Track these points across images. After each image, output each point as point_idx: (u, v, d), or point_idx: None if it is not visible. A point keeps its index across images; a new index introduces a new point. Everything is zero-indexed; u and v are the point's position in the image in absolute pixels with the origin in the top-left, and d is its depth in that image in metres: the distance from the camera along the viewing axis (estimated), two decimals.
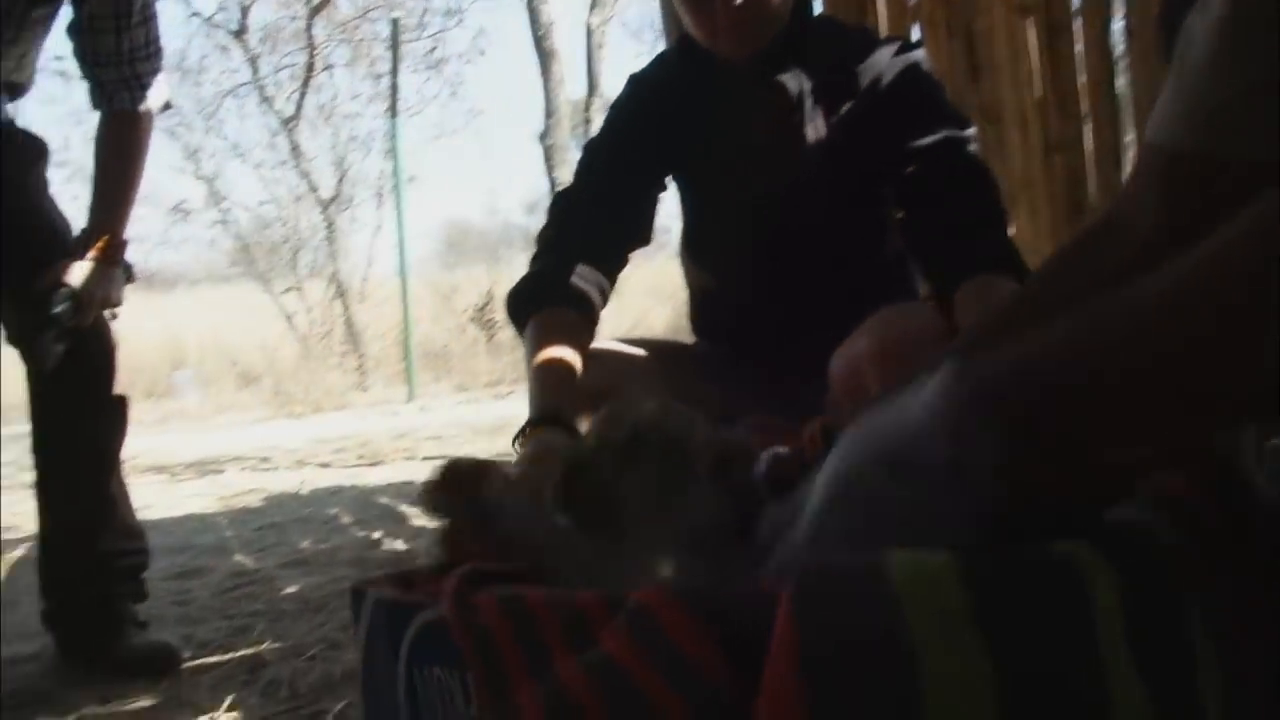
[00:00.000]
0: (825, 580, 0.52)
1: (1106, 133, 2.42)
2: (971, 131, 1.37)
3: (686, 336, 1.66)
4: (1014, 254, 1.30)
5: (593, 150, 1.51)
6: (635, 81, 1.50)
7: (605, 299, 1.40)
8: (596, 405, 1.36)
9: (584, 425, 1.36)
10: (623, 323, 9.03)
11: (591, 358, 1.40)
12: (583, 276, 1.37)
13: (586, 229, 1.41)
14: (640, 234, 1.46)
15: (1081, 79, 2.45)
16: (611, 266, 1.41)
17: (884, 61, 1.38)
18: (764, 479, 0.80)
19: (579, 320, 1.35)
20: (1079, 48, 2.45)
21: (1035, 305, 0.78)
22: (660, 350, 1.52)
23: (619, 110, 1.49)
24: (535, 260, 1.42)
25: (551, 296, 1.35)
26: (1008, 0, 2.53)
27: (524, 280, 1.41)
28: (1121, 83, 2.40)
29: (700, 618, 0.57)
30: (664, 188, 1.51)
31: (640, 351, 1.49)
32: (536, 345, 1.30)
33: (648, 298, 9.69)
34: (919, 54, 1.41)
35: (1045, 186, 2.52)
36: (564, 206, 1.47)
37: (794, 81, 1.38)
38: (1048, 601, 0.49)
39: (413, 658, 0.76)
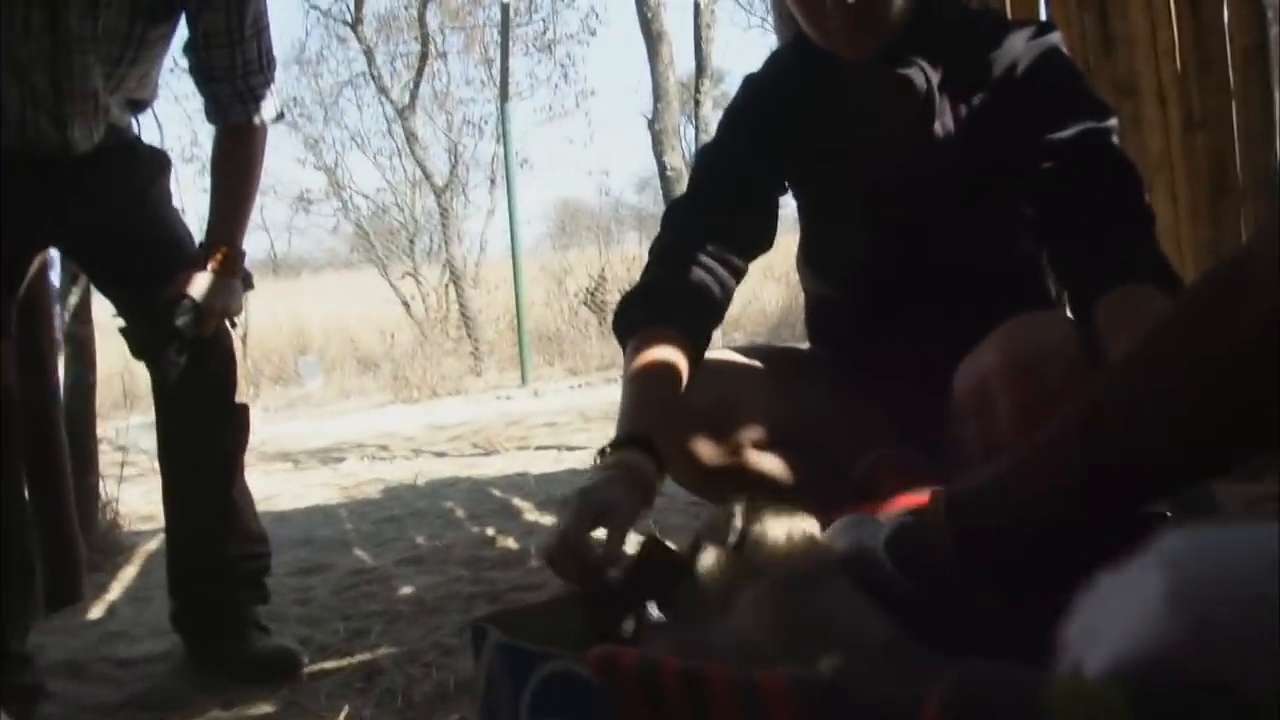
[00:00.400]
0: (979, 703, 0.46)
1: (1255, 108, 2.24)
2: (1113, 123, 1.26)
3: (799, 323, 1.59)
4: (1161, 261, 1.19)
5: (706, 155, 1.45)
6: (749, 83, 1.43)
7: (718, 313, 1.34)
8: (709, 420, 1.33)
9: (686, 445, 1.32)
10: (734, 304, 8.93)
11: (704, 370, 1.35)
12: (694, 291, 1.32)
13: (701, 238, 1.35)
14: (761, 239, 1.40)
15: (1228, 49, 2.28)
16: (728, 276, 1.35)
17: (1018, 48, 1.29)
18: (888, 552, 0.75)
19: (682, 341, 1.27)
20: (1225, 14, 2.28)
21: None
22: (775, 361, 1.45)
23: (733, 114, 1.43)
24: (646, 271, 1.37)
25: (657, 314, 1.29)
26: None
27: (631, 294, 1.35)
28: (1275, 53, 2.21)
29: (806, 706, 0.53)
30: (783, 191, 1.44)
31: (754, 363, 1.43)
32: (633, 364, 1.25)
33: (760, 278, 9.58)
34: (1055, 37, 1.30)
35: (1186, 167, 2.35)
36: (677, 215, 1.41)
37: (920, 75, 1.29)
38: None
39: (535, 705, 0.74)
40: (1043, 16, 2.61)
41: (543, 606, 0.95)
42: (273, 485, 3.96)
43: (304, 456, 4.91)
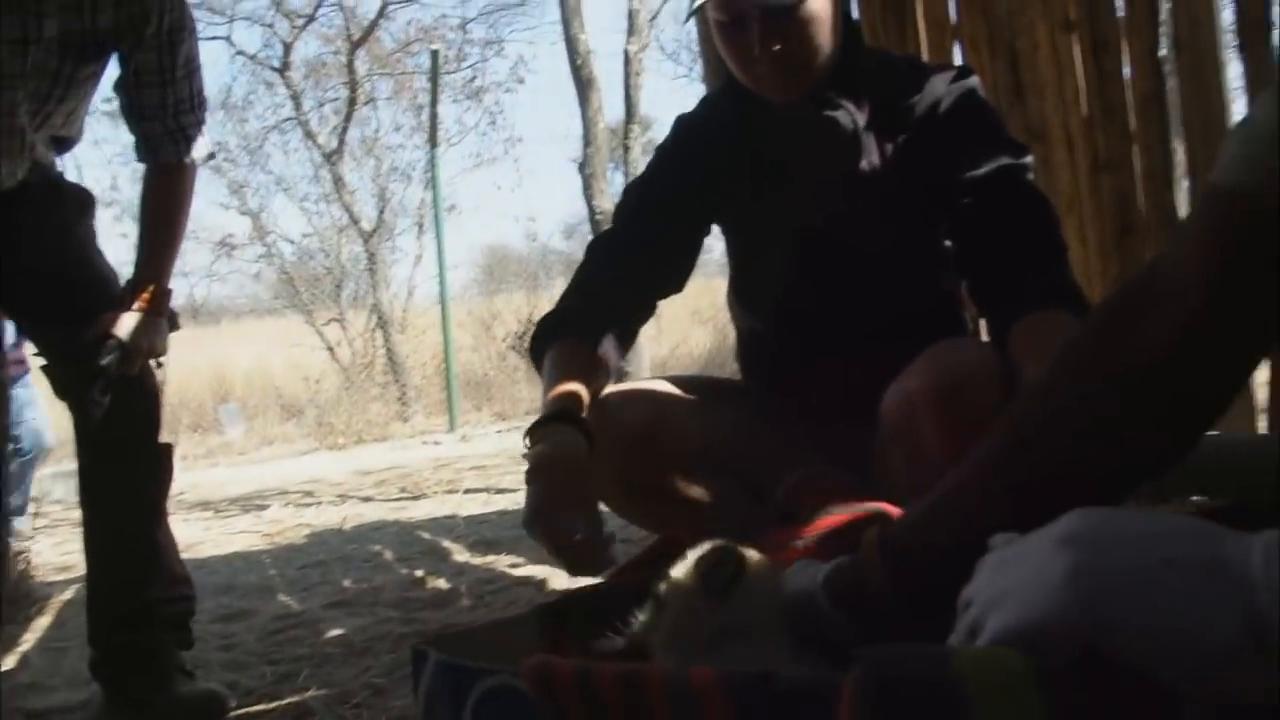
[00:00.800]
0: (891, 670, 0.49)
1: (1155, 151, 2.37)
2: (1028, 160, 1.34)
3: (727, 364, 1.64)
4: (1074, 288, 1.26)
5: (634, 192, 1.49)
6: (681, 123, 1.48)
7: (626, 344, 1.39)
8: (638, 444, 1.35)
9: (615, 467, 1.35)
10: (663, 346, 9.02)
11: (635, 395, 1.40)
12: (604, 320, 1.36)
13: (617, 274, 1.40)
14: (674, 280, 1.45)
15: (1129, 96, 2.40)
16: (637, 312, 1.41)
17: (939, 90, 1.35)
18: (825, 591, 0.77)
19: (592, 354, 1.34)
20: (1126, 65, 2.41)
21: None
22: (705, 389, 1.48)
23: (664, 153, 1.47)
24: (562, 299, 1.42)
25: (569, 334, 1.35)
26: (1051, 17, 2.49)
27: (546, 318, 1.41)
28: (1171, 101, 2.34)
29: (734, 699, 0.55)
30: (707, 232, 1.48)
31: (685, 390, 1.46)
32: (550, 370, 1.31)
33: (688, 321, 9.68)
34: (973, 81, 1.38)
35: (1093, 207, 2.47)
36: (599, 249, 1.45)
37: (846, 116, 1.35)
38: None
39: None
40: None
41: (484, 629, 0.95)
42: (193, 533, 3.86)
43: (225, 504, 4.79)
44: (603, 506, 1.28)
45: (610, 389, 1.39)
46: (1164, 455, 0.74)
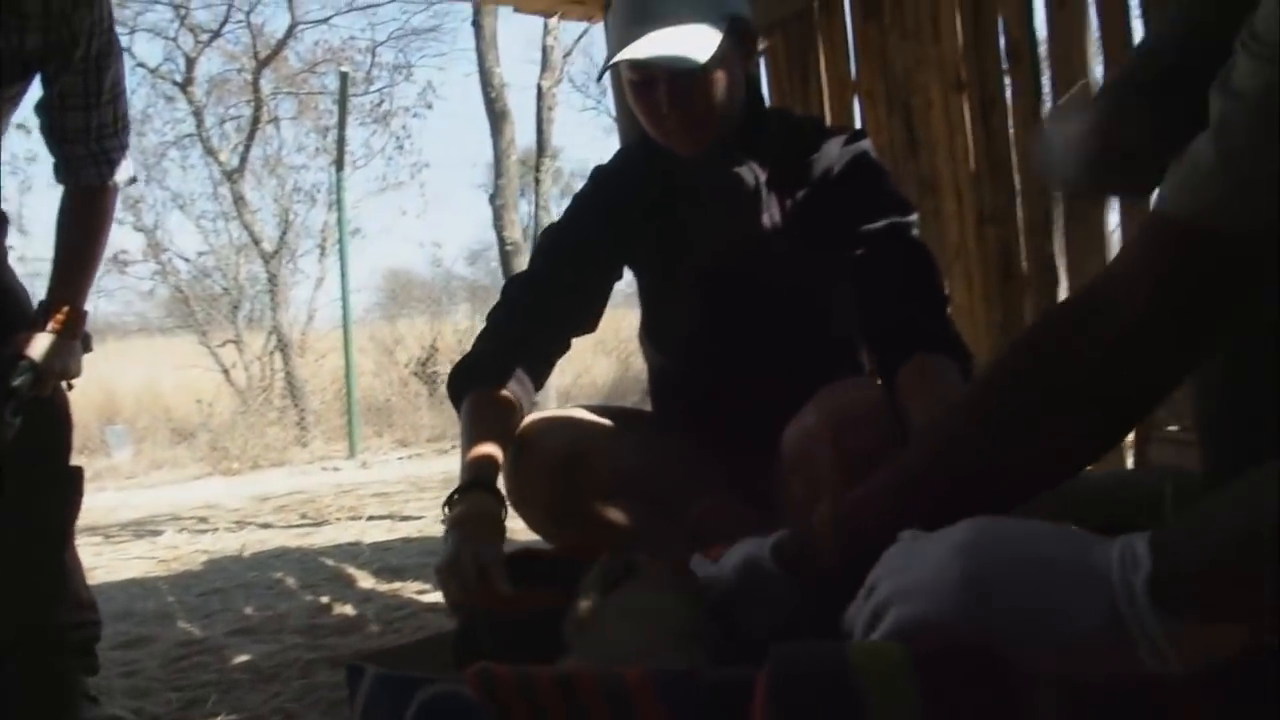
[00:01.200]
0: (797, 664, 0.57)
1: (1036, 205, 2.55)
2: (914, 217, 1.46)
3: (629, 393, 1.74)
4: (954, 336, 1.38)
5: (549, 237, 1.58)
6: (597, 174, 1.58)
7: (540, 383, 1.49)
8: (559, 469, 1.43)
9: (536, 491, 1.43)
10: (567, 375, 9.07)
11: (555, 423, 1.49)
12: (519, 361, 1.45)
13: (533, 315, 1.49)
14: (584, 322, 1.55)
15: (1013, 154, 2.59)
16: (549, 353, 1.51)
17: (834, 152, 1.47)
18: (773, 555, 0.87)
19: (509, 400, 1.43)
20: (1010, 124, 2.59)
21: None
22: (621, 418, 1.57)
23: (580, 200, 1.57)
24: (479, 340, 1.50)
25: (486, 377, 1.43)
26: (944, 78, 2.67)
27: (464, 359, 1.49)
28: None
29: (661, 692, 0.63)
30: (619, 276, 1.58)
31: (602, 419, 1.55)
32: (469, 421, 1.39)
33: (592, 351, 9.75)
34: (866, 144, 1.50)
35: (979, 255, 2.64)
36: (514, 291, 1.54)
37: (749, 173, 1.46)
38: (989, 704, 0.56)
39: None
40: (858, 122, 2.90)
41: (416, 645, 1.01)
42: (85, 558, 3.73)
43: (116, 529, 4.65)
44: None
45: (532, 417, 1.47)
46: (1087, 454, 0.83)
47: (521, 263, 7.97)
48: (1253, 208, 0.67)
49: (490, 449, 1.35)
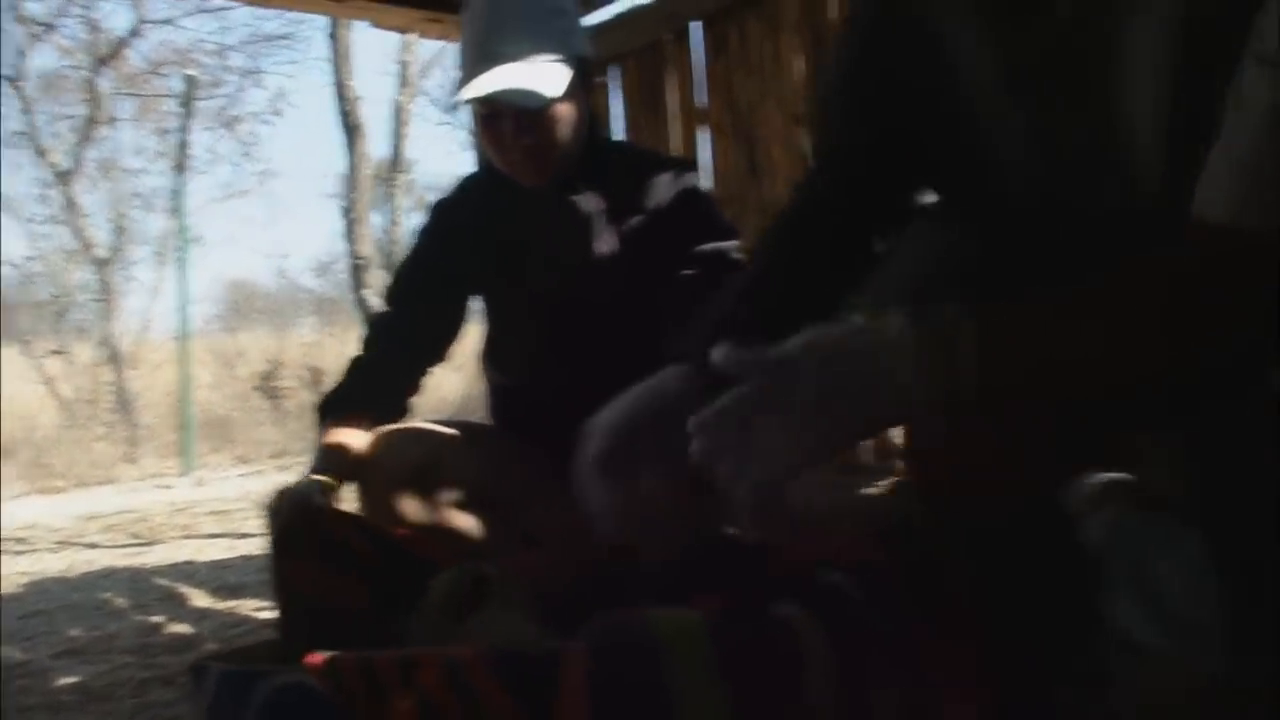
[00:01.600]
0: (609, 633, 0.65)
1: None
2: (737, 242, 1.57)
3: (478, 407, 1.81)
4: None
5: (399, 276, 1.67)
6: (438, 208, 1.66)
7: (402, 410, 1.61)
8: (412, 479, 1.47)
9: (390, 502, 1.47)
10: None
11: (407, 435, 1.55)
12: (380, 394, 1.57)
13: (391, 352, 1.60)
14: (441, 350, 1.66)
15: None
16: (411, 382, 1.62)
17: (665, 183, 1.57)
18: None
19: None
20: None
21: None
22: (468, 431, 1.63)
23: (423, 237, 1.66)
24: (344, 374, 1.59)
25: (348, 408, 1.53)
26: (785, 110, 2.83)
27: (330, 392, 1.57)
28: None
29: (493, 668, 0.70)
30: (468, 303, 1.66)
31: (452, 431, 1.60)
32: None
33: (441, 368, 9.65)
34: (694, 176, 1.62)
35: None
36: (373, 330, 1.65)
37: (586, 202, 1.54)
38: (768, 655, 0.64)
39: None
40: (706, 149, 3.04)
41: (262, 646, 1.02)
42: None
43: None
44: None
45: (381, 430, 1.50)
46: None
47: (373, 277, 7.88)
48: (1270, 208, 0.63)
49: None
